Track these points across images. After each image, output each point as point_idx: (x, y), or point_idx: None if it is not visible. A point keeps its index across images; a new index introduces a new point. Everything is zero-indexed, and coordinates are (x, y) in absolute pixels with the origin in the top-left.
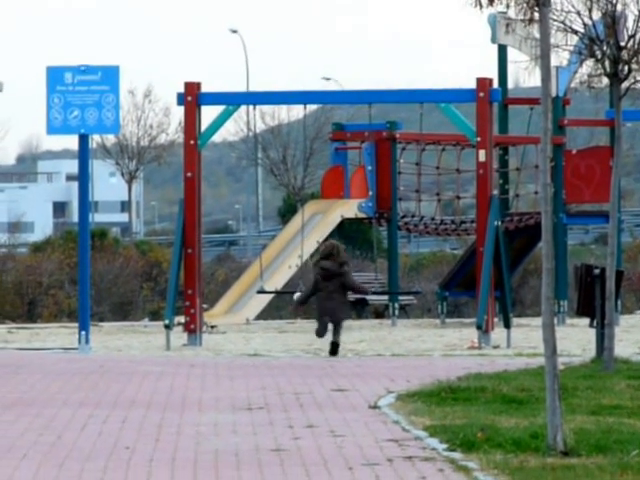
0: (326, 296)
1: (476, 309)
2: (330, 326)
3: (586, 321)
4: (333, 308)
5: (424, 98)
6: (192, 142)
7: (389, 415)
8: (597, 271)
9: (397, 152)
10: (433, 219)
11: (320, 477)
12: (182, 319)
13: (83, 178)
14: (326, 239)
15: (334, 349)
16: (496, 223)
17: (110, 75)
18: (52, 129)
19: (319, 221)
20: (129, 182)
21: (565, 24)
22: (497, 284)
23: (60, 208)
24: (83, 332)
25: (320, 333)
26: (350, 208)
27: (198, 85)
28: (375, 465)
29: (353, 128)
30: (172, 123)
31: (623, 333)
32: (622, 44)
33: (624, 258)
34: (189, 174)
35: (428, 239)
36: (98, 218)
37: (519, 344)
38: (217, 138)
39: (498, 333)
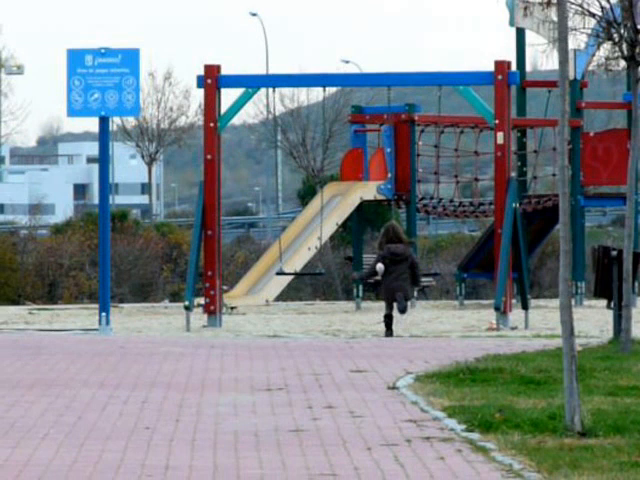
0: (395, 278)
1: (494, 291)
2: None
3: (603, 302)
4: (402, 289)
5: (443, 81)
6: (212, 125)
7: (408, 396)
8: (614, 253)
9: (416, 134)
10: (452, 201)
11: (339, 457)
12: (202, 300)
13: (103, 160)
14: (345, 221)
15: (403, 309)
16: (514, 205)
17: (130, 58)
18: (72, 111)
19: (338, 203)
20: (149, 164)
21: (583, 7)
22: (515, 266)
23: (81, 190)
24: (103, 313)
25: (388, 315)
26: (369, 190)
27: (218, 68)
28: (394, 445)
29: (372, 111)
30: (192, 106)
31: None
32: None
33: None
34: (209, 156)
35: (447, 221)
36: (118, 200)
37: (537, 325)
38: (237, 121)
39: (516, 314)
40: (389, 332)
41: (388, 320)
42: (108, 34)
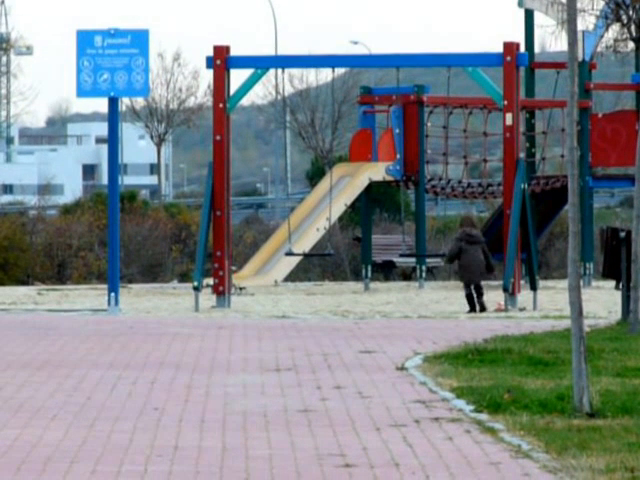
0: (471, 260)
1: (503, 272)
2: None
3: (612, 283)
4: (476, 272)
5: (452, 62)
6: (221, 105)
7: (416, 376)
8: (623, 234)
9: (424, 115)
10: (460, 182)
11: (348, 438)
12: (211, 281)
13: (112, 141)
14: (354, 202)
15: (483, 308)
16: (523, 186)
17: (140, 39)
18: (82, 92)
19: (347, 184)
20: (158, 145)
21: None
22: (523, 247)
23: (89, 170)
24: (112, 294)
25: (470, 296)
26: (378, 171)
27: (227, 48)
28: (402, 426)
29: (381, 91)
30: (201, 86)
31: None
32: None
33: None
34: (218, 137)
35: (455, 202)
36: (127, 181)
37: (545, 306)
38: (246, 101)
39: (524, 295)
40: (472, 306)
41: (470, 299)
42: (117, 15)
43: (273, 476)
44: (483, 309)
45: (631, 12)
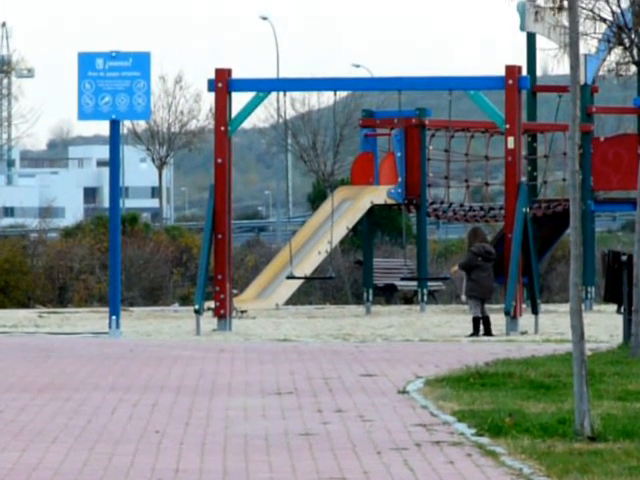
0: (486, 276)
1: (504, 295)
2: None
3: (613, 307)
4: (489, 289)
5: (453, 85)
6: (222, 128)
7: (417, 400)
8: (624, 258)
9: (426, 139)
10: (462, 205)
11: (349, 461)
12: (212, 304)
13: (114, 164)
14: (356, 226)
15: (489, 334)
16: (524, 210)
17: (141, 61)
18: (83, 115)
19: (349, 207)
20: (159, 168)
21: (594, 12)
22: (525, 270)
23: (91, 193)
24: (114, 317)
25: (477, 320)
26: (379, 194)
27: (229, 71)
28: (403, 450)
29: (382, 115)
30: (203, 109)
31: None
32: None
33: None
34: (219, 160)
35: (457, 225)
36: (129, 204)
37: (547, 330)
38: (247, 124)
39: (526, 319)
40: (476, 330)
41: (476, 322)
42: (119, 38)
43: None
44: (489, 335)
45: (633, 36)
